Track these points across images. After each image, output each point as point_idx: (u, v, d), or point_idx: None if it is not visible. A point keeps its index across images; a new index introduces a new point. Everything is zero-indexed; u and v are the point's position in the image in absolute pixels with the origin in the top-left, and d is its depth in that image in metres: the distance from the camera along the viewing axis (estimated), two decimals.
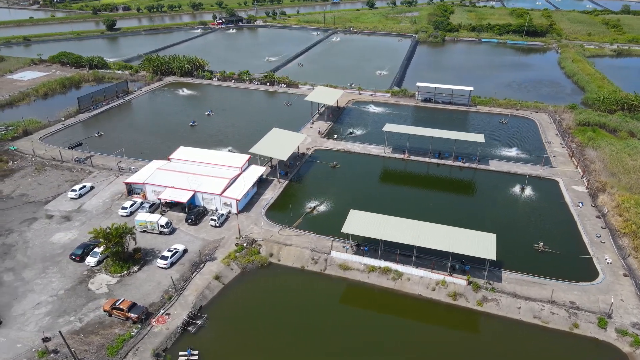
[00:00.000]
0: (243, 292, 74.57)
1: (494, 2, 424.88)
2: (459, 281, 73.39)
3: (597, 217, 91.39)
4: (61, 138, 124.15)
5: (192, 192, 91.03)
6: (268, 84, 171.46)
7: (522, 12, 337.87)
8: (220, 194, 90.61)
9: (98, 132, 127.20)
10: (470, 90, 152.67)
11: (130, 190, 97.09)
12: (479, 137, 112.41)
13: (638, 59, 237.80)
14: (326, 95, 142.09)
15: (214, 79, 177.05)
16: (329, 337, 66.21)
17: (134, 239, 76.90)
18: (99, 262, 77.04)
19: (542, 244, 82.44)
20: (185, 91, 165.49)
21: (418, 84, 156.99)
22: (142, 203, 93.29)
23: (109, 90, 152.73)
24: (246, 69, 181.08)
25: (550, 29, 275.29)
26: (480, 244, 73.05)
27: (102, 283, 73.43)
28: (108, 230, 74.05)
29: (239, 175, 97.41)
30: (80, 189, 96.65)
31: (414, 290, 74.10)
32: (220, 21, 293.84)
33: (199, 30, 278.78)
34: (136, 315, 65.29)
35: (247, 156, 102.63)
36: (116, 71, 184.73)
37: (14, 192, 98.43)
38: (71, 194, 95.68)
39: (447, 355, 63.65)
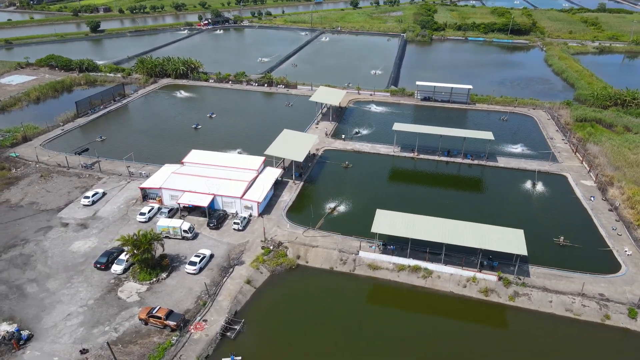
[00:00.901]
0: (276, 295, 74.07)
1: (474, 2, 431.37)
2: (489, 277, 74.46)
3: (610, 210, 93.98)
4: (62, 143, 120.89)
5: (212, 196, 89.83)
6: (266, 85, 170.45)
7: (504, 11, 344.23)
8: (241, 197, 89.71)
9: (100, 137, 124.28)
10: (469, 89, 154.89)
11: (145, 195, 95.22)
12: (488, 135, 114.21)
13: (619, 56, 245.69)
14: (329, 96, 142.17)
15: (211, 81, 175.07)
16: (367, 337, 66.20)
17: (162, 245, 75.54)
18: (125, 270, 75.37)
19: (562, 238, 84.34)
20: (183, 93, 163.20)
21: (418, 82, 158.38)
22: (159, 208, 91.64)
23: (106, 94, 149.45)
24: (239, 70, 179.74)
25: (533, 28, 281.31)
26: (509, 240, 74.32)
27: (131, 291, 71.86)
28: (136, 237, 72.44)
29: (256, 177, 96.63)
30: (93, 195, 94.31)
31: (445, 288, 74.87)
32: (206, 22, 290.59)
33: (185, 32, 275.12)
34: (174, 323, 64.17)
35: (262, 158, 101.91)
36: (108, 74, 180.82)
37: (23, 200, 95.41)
38: (84, 201, 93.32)
39: (483, 351, 64.41)
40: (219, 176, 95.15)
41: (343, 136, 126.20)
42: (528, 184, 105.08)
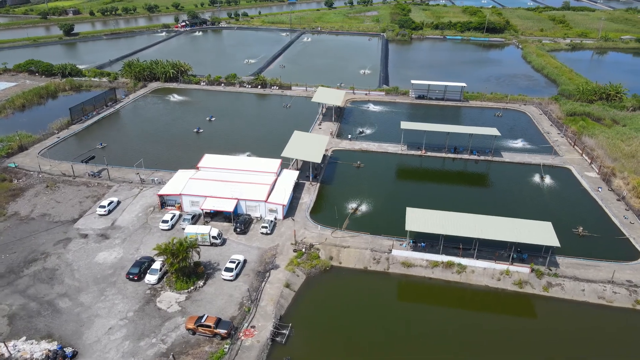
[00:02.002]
0: (316, 297, 73.86)
1: (445, 1, 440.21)
2: (522, 269, 76.57)
3: (618, 200, 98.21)
4: (62, 152, 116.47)
5: (236, 200, 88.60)
6: (260, 86, 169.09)
7: (475, 10, 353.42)
8: (266, 200, 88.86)
9: (101, 144, 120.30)
10: (463, 86, 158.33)
11: (163, 202, 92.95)
12: (494, 131, 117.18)
13: (590, 52, 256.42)
14: (330, 96, 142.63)
15: (202, 84, 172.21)
16: (411, 334, 66.93)
17: (198, 253, 74.00)
18: (159, 280, 73.48)
19: (581, 228, 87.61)
20: (176, 97, 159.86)
21: (412, 81, 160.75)
22: (180, 215, 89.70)
23: (98, 99, 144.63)
24: (226, 71, 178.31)
25: (507, 26, 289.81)
26: (540, 232, 76.62)
27: (170, 301, 70.10)
28: (173, 245, 70.73)
29: (275, 180, 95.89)
30: (108, 204, 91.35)
31: (480, 282, 76.53)
32: (183, 23, 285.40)
33: (163, 34, 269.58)
34: (225, 331, 63.10)
35: (278, 160, 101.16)
36: (92, 79, 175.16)
37: (33, 212, 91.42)
38: (100, 211, 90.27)
39: (525, 341, 65.95)
40: (238, 180, 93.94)
41: (350, 136, 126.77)
42: (536, 178, 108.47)
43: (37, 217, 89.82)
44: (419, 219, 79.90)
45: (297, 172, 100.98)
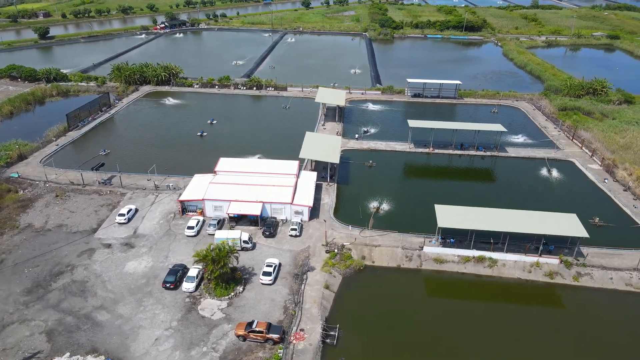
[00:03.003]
0: (356, 297, 74.03)
1: (418, 0, 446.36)
2: (551, 261, 78.88)
3: (625, 190, 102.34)
4: (64, 160, 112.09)
5: (261, 204, 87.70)
6: (255, 88, 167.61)
7: (450, 9, 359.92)
8: (291, 203, 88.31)
9: (104, 150, 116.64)
10: (457, 84, 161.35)
11: (184, 208, 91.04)
12: (500, 127, 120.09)
13: (564, 48, 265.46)
14: (332, 96, 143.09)
15: (195, 86, 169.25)
16: (456, 329, 68.01)
17: (237, 258, 72.93)
18: (196, 287, 72.03)
19: (597, 218, 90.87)
20: (172, 100, 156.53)
21: (408, 80, 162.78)
22: (203, 221, 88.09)
23: (93, 105, 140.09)
24: (214, 73, 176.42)
25: (484, 24, 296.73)
26: (568, 224, 79.22)
27: (212, 308, 68.81)
28: (213, 252, 69.53)
29: (296, 182, 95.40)
30: (127, 212, 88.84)
31: (512, 275, 78.43)
32: (162, 25, 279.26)
33: (143, 36, 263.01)
34: (278, 336, 62.48)
35: (296, 162, 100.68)
36: (79, 83, 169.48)
37: (48, 223, 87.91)
38: (119, 219, 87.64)
39: (561, 330, 68.08)
40: (260, 183, 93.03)
41: (357, 135, 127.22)
42: (544, 171, 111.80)
43: (54, 228, 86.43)
44: (449, 216, 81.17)
45: (315, 173, 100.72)
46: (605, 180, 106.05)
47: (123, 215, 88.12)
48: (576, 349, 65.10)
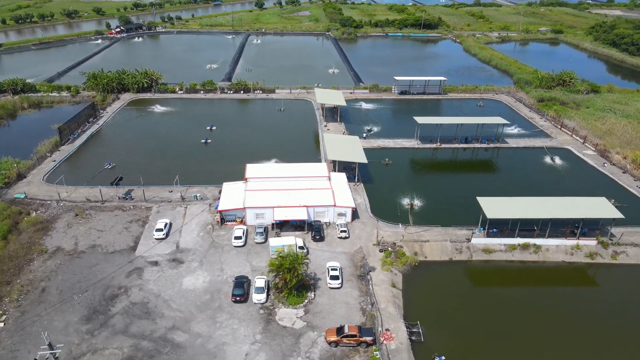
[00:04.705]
0: (422, 292, 75.10)
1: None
2: (589, 242, 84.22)
3: (624, 172, 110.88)
4: (68, 176, 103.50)
5: (305, 208, 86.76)
6: (242, 91, 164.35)
7: (401, 7, 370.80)
8: (335, 205, 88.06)
9: (110, 164, 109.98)
10: (442, 80, 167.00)
11: (222, 218, 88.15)
12: (501, 120, 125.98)
13: (515, 43, 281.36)
14: (331, 97, 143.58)
15: (179, 92, 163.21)
16: (527, 313, 71.03)
17: (307, 265, 71.86)
18: (267, 297, 70.32)
19: (613, 200, 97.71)
20: (160, 108, 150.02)
21: (395, 77, 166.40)
22: (246, 229, 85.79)
23: (80, 116, 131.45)
24: (189, 78, 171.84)
25: (440, 22, 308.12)
26: (601, 207, 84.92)
27: (291, 317, 67.46)
28: (288, 261, 68.26)
29: (330, 184, 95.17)
30: (164, 226, 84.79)
31: (556, 259, 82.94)
32: (118, 29, 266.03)
33: (99, 41, 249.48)
34: (371, 338, 62.55)
35: (325, 164, 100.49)
36: (50, 94, 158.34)
37: (79, 245, 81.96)
38: (157, 234, 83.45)
39: (611, 305, 73.07)
40: (296, 187, 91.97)
41: (364, 135, 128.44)
42: (547, 159, 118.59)
43: (87, 250, 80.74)
44: (495, 207, 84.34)
45: (344, 174, 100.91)
46: (605, 165, 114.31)
47: (161, 230, 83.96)
48: (628, 322, 70.00)
